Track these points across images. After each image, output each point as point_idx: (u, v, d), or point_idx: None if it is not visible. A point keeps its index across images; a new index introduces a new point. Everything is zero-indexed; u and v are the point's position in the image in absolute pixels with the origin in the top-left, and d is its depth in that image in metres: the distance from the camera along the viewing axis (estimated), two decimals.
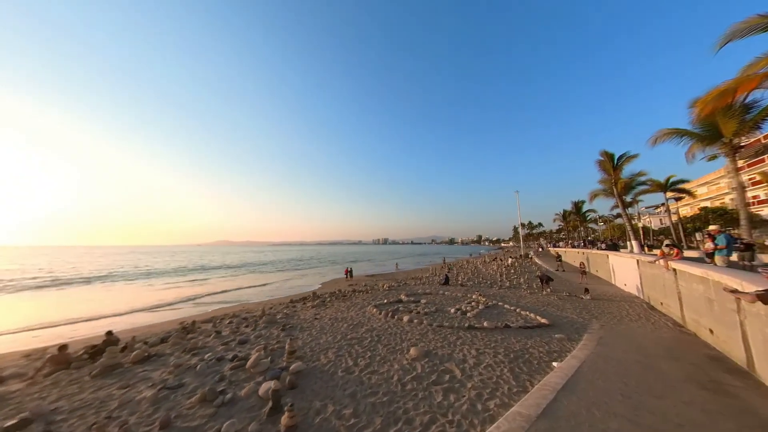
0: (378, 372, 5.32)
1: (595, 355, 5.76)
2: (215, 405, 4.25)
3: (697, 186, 34.15)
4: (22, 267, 40.57)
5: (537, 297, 12.98)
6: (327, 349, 6.68)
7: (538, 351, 6.27)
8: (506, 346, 6.60)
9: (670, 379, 4.59)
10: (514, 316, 9.71)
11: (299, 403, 4.33)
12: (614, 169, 19.08)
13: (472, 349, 6.42)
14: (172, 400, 4.47)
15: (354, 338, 7.46)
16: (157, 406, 4.30)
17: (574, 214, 41.60)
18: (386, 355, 6.18)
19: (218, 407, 4.22)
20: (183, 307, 16.52)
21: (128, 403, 4.40)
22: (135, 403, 4.41)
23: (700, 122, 12.14)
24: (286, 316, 10.66)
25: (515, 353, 6.11)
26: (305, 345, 7.08)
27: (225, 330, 8.66)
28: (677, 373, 4.77)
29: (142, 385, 4.98)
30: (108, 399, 4.58)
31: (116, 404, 4.38)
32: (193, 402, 4.31)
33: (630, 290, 13.50)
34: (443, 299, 12.80)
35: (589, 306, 10.96)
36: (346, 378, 5.11)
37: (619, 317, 9.25)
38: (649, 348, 6.20)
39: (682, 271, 8.20)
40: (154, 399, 4.43)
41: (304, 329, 8.54)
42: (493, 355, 6.05)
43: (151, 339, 8.58)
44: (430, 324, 8.52)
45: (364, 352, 6.34)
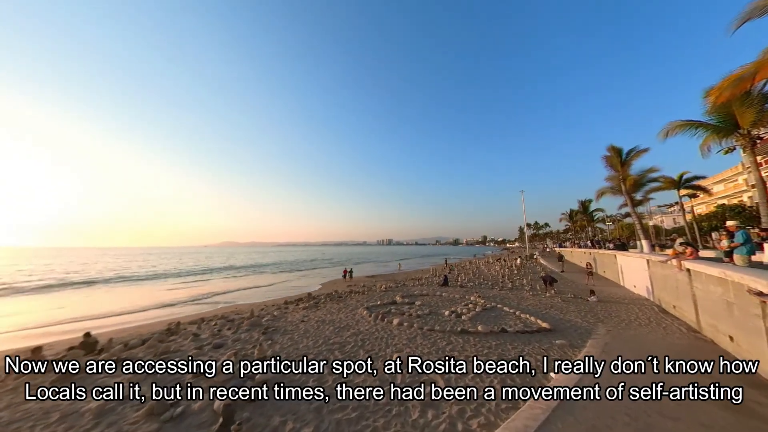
0: (353, 382, 4.81)
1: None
2: (162, 420, 3.80)
3: (712, 183, 32.63)
4: (32, 268, 41.33)
5: (540, 299, 12.27)
6: (304, 355, 6.19)
7: (535, 359, 5.66)
8: (500, 353, 6.01)
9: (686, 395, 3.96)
10: (512, 319, 9.08)
11: (257, 419, 3.85)
12: (622, 164, 18.15)
13: (462, 356, 5.86)
14: (118, 412, 4.03)
15: (336, 343, 6.96)
16: (99, 420, 3.87)
17: (581, 213, 40.35)
18: (367, 362, 5.65)
19: (164, 422, 3.77)
20: (181, 308, 16.29)
21: (71, 416, 3.99)
22: (78, 415, 4.00)
23: (715, 112, 11.30)
24: (274, 318, 10.23)
25: (509, 361, 5.52)
26: (282, 350, 6.60)
27: (205, 333, 8.27)
28: (693, 389, 4.13)
29: (94, 394, 4.58)
30: (53, 409, 4.18)
31: (58, 416, 3.97)
32: (139, 416, 3.87)
33: (639, 292, 12.68)
34: (439, 301, 12.21)
35: (595, 309, 10.24)
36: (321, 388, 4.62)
37: (628, 321, 8.54)
38: (661, 358, 5.53)
39: (698, 272, 7.47)
40: (99, 411, 4.01)
41: (286, 332, 8.08)
42: (485, 363, 5.47)
43: (133, 341, 8.24)
44: (420, 328, 7.96)
45: (343, 359, 5.83)
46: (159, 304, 17.42)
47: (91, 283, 26.62)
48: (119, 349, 7.36)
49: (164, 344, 7.48)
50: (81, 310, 15.40)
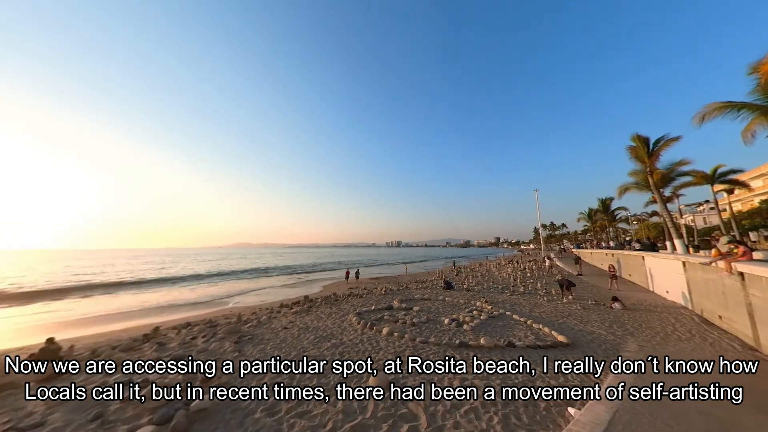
0: (310, 413, 3.82)
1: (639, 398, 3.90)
2: None
3: (751, 179, 29.52)
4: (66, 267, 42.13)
5: (555, 305, 10.87)
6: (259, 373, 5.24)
7: (548, 386, 4.48)
8: (504, 377, 4.85)
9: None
10: (523, 330, 7.81)
11: None
12: (649, 155, 16.31)
13: (456, 379, 4.74)
14: None
15: (312, 356, 5.99)
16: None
17: (601, 212, 37.63)
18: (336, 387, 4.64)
19: None
20: (177, 310, 15.86)
21: None
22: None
23: (763, 91, 9.67)
24: (258, 324, 9.40)
25: (515, 389, 4.36)
26: (245, 362, 5.70)
27: (174, 341, 7.48)
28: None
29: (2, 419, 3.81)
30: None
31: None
32: None
33: (674, 299, 11.03)
34: (441, 306, 11.03)
35: (621, 318, 8.79)
36: (263, 422, 3.66)
37: (664, 335, 7.12)
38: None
39: (756, 276, 6.04)
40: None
41: (262, 342, 7.18)
42: (483, 390, 4.34)
43: (102, 347, 7.63)
44: (412, 339, 6.87)
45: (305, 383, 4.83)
46: (154, 306, 17.11)
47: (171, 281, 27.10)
48: (80, 356, 6.73)
49: (129, 353, 6.78)
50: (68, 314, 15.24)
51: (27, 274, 35.01)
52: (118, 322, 12.90)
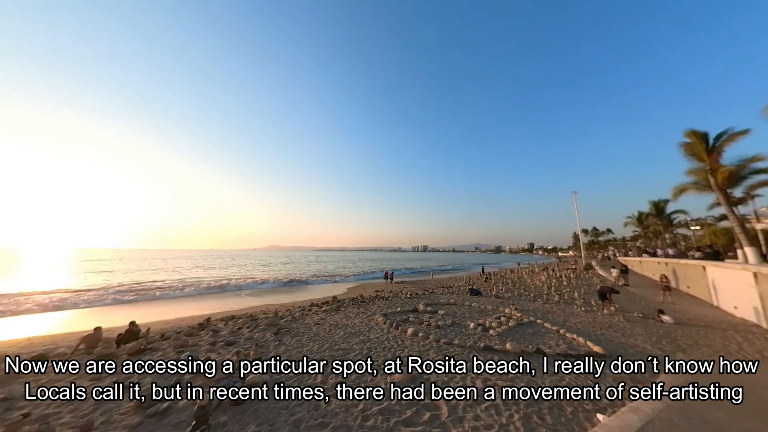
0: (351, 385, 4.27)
1: (674, 408, 3.71)
2: (147, 414, 3.77)
3: None
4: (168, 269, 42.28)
5: (594, 316, 10.17)
6: (306, 359, 5.85)
7: (576, 386, 4.40)
8: (529, 380, 4.85)
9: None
10: (554, 338, 7.54)
11: (231, 425, 3.56)
12: (709, 153, 14.50)
13: (478, 379, 4.87)
14: (114, 401, 4.15)
15: (342, 349, 6.50)
16: (96, 407, 4.01)
17: (654, 216, 33.51)
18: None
19: (149, 417, 3.72)
20: (225, 303, 17.67)
21: (72, 402, 4.23)
22: (79, 401, 4.22)
23: None
24: (293, 319, 10.26)
25: (540, 392, 4.37)
26: (287, 351, 6.39)
27: (224, 330, 8.58)
28: None
29: (104, 382, 4.84)
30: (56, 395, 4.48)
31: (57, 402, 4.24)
32: (130, 407, 3.91)
33: (744, 315, 9.68)
34: (467, 312, 10.95)
35: (672, 333, 8.00)
36: (302, 399, 4.20)
37: (726, 354, 6.38)
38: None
39: None
40: (101, 400, 4.18)
41: (298, 334, 7.92)
42: (506, 390, 4.42)
43: (168, 332, 8.99)
44: (437, 340, 7.06)
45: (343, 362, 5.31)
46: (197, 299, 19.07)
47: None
48: (158, 339, 7.99)
49: (191, 338, 7.94)
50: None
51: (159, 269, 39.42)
52: (171, 315, 14.71)
